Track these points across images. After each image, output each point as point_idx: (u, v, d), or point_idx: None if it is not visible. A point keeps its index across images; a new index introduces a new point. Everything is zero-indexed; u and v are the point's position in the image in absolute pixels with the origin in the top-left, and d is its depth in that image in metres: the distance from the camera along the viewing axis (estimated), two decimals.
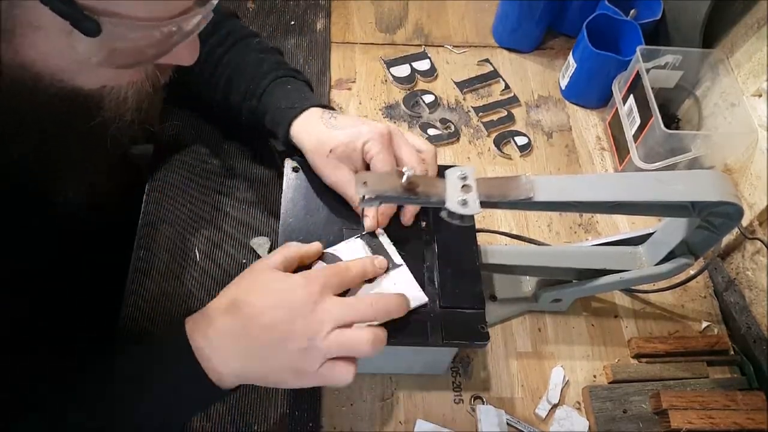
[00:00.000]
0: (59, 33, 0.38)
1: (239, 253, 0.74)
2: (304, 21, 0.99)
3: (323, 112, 0.65)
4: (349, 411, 0.66)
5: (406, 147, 0.62)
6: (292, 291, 0.51)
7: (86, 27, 0.36)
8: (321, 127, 0.63)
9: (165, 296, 0.70)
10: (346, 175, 0.62)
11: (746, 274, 0.77)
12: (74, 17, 0.36)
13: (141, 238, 0.74)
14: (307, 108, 0.66)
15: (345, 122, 0.63)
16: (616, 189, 0.54)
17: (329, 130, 0.63)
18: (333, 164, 0.62)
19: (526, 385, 0.70)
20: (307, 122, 0.65)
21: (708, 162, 0.82)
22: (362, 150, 0.61)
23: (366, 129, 0.61)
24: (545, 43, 1.02)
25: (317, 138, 0.63)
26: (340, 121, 0.64)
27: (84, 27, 0.36)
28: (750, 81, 0.80)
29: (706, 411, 0.65)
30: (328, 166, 0.63)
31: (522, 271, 0.73)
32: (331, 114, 0.65)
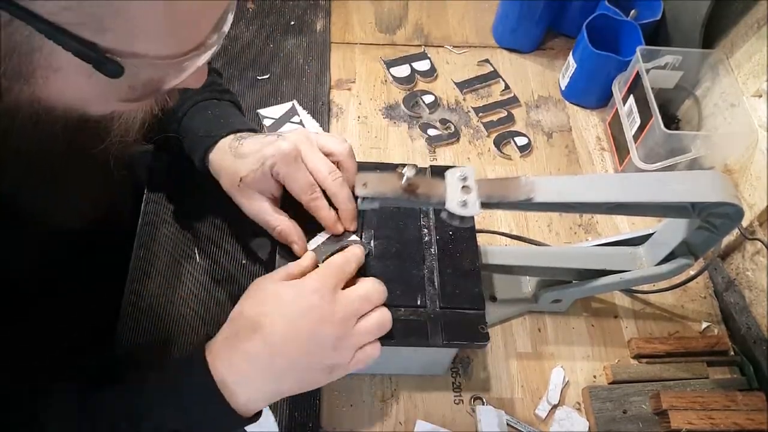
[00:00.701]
0: (80, 74, 0.37)
1: (239, 253, 0.74)
2: (304, 21, 0.99)
3: (232, 140, 0.63)
4: (349, 411, 0.66)
5: (314, 160, 0.59)
6: (307, 297, 0.51)
7: (109, 69, 0.36)
8: (230, 157, 0.62)
9: (165, 296, 0.70)
10: (261, 204, 0.61)
11: (746, 275, 0.77)
12: (97, 60, 0.35)
13: (141, 238, 0.74)
14: (219, 138, 0.63)
15: (251, 147, 0.61)
16: (616, 190, 0.54)
17: (236, 159, 0.61)
18: (247, 194, 0.61)
19: (526, 385, 0.70)
20: (219, 154, 0.63)
21: (708, 162, 0.82)
22: (271, 175, 0.59)
23: (270, 151, 0.59)
24: (545, 43, 1.02)
25: (227, 170, 0.61)
26: (246, 147, 0.61)
27: (107, 70, 0.36)
28: (750, 81, 0.80)
29: (706, 411, 0.65)
30: (241, 198, 0.61)
31: (522, 272, 0.73)
32: (239, 141, 0.62)
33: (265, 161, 0.59)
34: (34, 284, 0.58)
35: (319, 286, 0.51)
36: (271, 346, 0.50)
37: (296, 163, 0.59)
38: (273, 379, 0.51)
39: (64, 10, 0.33)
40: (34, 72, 0.37)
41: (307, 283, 0.52)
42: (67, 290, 0.64)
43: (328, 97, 0.91)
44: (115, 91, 0.40)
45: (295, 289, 0.52)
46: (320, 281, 0.52)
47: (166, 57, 0.38)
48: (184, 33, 0.39)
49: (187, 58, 0.40)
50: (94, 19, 0.34)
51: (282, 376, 0.51)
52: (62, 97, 0.40)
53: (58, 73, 0.37)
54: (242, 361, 0.50)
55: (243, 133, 0.64)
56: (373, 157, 0.86)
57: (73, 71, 0.37)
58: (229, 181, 0.62)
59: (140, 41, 0.36)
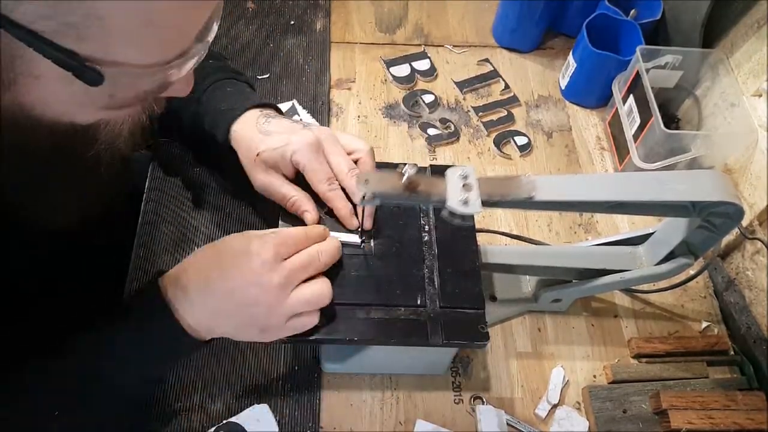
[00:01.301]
0: (61, 82, 0.37)
1: None
2: (304, 21, 0.99)
3: (259, 116, 0.65)
4: (349, 411, 0.66)
5: (336, 155, 0.62)
6: (249, 258, 0.52)
7: (89, 77, 0.36)
8: (254, 131, 0.63)
9: None
10: (272, 177, 0.62)
11: (746, 274, 0.77)
12: (76, 68, 0.35)
13: (141, 238, 0.74)
14: (244, 111, 0.65)
15: (277, 127, 0.63)
16: (617, 189, 0.54)
17: (261, 135, 0.63)
18: (260, 168, 0.62)
19: (526, 385, 0.69)
20: (243, 126, 0.65)
21: (708, 162, 0.82)
22: (291, 160, 0.61)
23: (295, 139, 0.61)
24: (545, 43, 1.02)
25: (248, 142, 0.63)
26: (273, 126, 0.63)
27: (86, 77, 0.36)
28: (750, 81, 0.80)
29: (706, 411, 0.65)
30: (256, 170, 0.63)
31: (522, 271, 0.73)
32: (266, 118, 0.64)
33: (287, 145, 0.61)
34: (33, 284, 0.57)
35: (263, 250, 0.53)
36: (205, 286, 0.52)
37: (317, 155, 0.61)
38: (210, 315, 0.53)
39: (42, 18, 0.33)
40: (15, 78, 0.37)
41: (255, 244, 0.53)
42: (67, 290, 0.64)
43: (328, 96, 0.91)
44: (97, 98, 0.40)
45: (245, 244, 0.53)
46: (268, 246, 0.53)
47: (148, 66, 0.38)
48: (165, 42, 0.38)
49: (169, 67, 0.39)
50: (72, 28, 0.34)
51: (217, 316, 0.53)
52: (44, 104, 0.40)
53: (39, 80, 0.37)
54: (180, 289, 0.52)
55: (269, 111, 0.66)
56: None
57: (53, 79, 0.37)
58: (247, 153, 0.63)
59: (120, 50, 0.36)
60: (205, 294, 0.52)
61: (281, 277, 0.52)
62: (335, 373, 0.67)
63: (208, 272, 0.53)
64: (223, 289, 0.52)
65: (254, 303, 0.52)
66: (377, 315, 0.57)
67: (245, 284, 0.52)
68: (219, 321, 0.54)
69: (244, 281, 0.52)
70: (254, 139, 0.63)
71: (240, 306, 0.53)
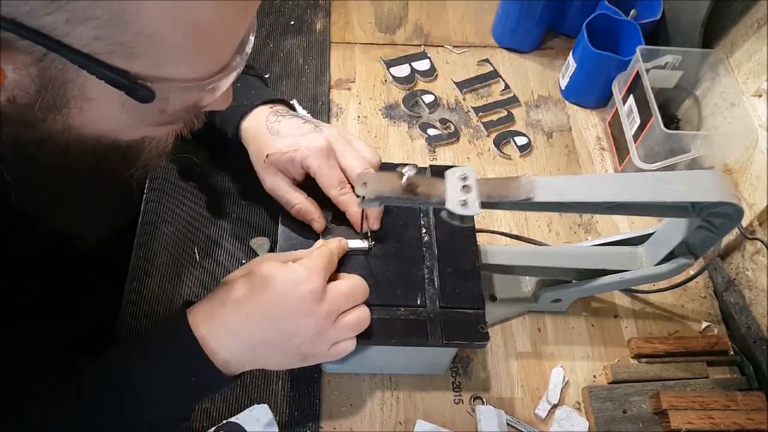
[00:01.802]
0: (112, 101, 0.38)
1: (239, 251, 0.74)
2: (304, 21, 0.99)
3: (269, 114, 0.64)
4: (349, 411, 0.66)
5: (348, 157, 0.61)
6: (299, 287, 0.52)
7: (140, 95, 0.37)
8: (263, 130, 0.63)
9: (165, 295, 0.70)
10: (280, 181, 0.62)
11: (746, 275, 0.77)
12: (129, 87, 0.36)
13: (141, 238, 0.74)
14: (254, 107, 0.65)
15: (288, 129, 0.63)
16: (617, 189, 0.54)
17: (270, 135, 0.62)
18: (269, 170, 0.62)
19: (526, 385, 0.70)
20: (253, 123, 0.64)
21: (708, 162, 0.82)
22: (300, 165, 0.61)
23: (304, 143, 0.60)
24: (545, 43, 1.02)
25: (257, 142, 0.63)
26: (284, 127, 0.63)
27: (138, 95, 0.37)
28: (750, 81, 0.80)
29: (706, 411, 0.65)
30: (265, 171, 0.63)
31: (522, 272, 0.73)
32: (276, 116, 0.64)
33: (297, 150, 0.60)
34: (34, 284, 0.58)
35: (309, 278, 0.52)
36: (247, 319, 0.51)
37: (328, 159, 0.60)
38: (248, 348, 0.52)
39: (95, 40, 0.34)
40: (67, 103, 0.38)
41: (301, 272, 0.52)
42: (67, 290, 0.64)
43: (328, 96, 0.91)
44: (147, 115, 0.41)
45: (289, 273, 0.52)
46: (314, 274, 0.52)
47: (195, 80, 0.39)
48: (210, 56, 0.39)
49: (214, 80, 0.40)
50: (124, 48, 0.35)
51: (257, 348, 0.52)
52: (95, 124, 0.41)
53: (92, 102, 0.38)
54: (217, 324, 0.51)
55: (279, 107, 0.66)
56: None
57: (106, 99, 0.38)
58: (257, 153, 0.63)
59: (169, 66, 0.37)
60: (246, 328, 0.51)
61: (329, 305, 0.52)
62: (335, 373, 0.67)
63: (248, 304, 0.52)
64: (267, 321, 0.51)
65: (299, 333, 0.52)
66: (377, 315, 0.57)
67: (293, 314, 0.51)
68: (258, 354, 0.53)
69: (291, 311, 0.51)
70: (264, 139, 0.63)
71: (283, 336, 0.52)
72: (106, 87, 0.36)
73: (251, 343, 0.52)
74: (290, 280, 0.52)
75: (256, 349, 0.52)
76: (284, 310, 0.51)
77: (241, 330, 0.51)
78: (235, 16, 0.39)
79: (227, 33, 0.39)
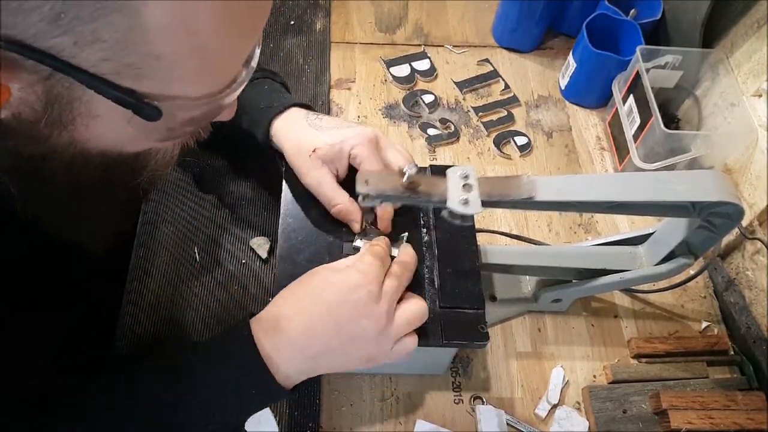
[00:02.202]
0: (119, 119, 0.38)
1: (240, 251, 0.74)
2: (304, 21, 0.99)
3: (307, 113, 0.64)
4: (349, 411, 0.66)
5: (394, 151, 0.62)
6: (355, 291, 0.52)
7: (147, 113, 0.37)
8: (304, 126, 0.63)
9: (165, 295, 0.70)
10: (325, 176, 0.61)
11: (746, 274, 0.77)
12: (136, 106, 0.36)
13: (141, 237, 0.74)
14: (288, 107, 0.65)
15: (330, 123, 0.63)
16: (617, 189, 0.54)
17: (313, 130, 0.62)
18: (315, 165, 0.61)
19: (526, 385, 0.69)
20: (288, 122, 0.64)
21: (708, 162, 0.82)
22: (349, 154, 0.61)
23: (353, 133, 0.61)
24: (545, 43, 1.02)
25: (299, 138, 0.62)
26: (326, 122, 0.63)
27: (145, 114, 0.37)
28: (750, 81, 0.80)
29: (706, 411, 0.65)
30: (308, 166, 0.62)
31: (522, 271, 0.73)
32: (316, 114, 0.64)
33: (346, 140, 0.60)
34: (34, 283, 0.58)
35: (367, 281, 0.52)
36: (310, 330, 0.51)
37: (375, 150, 0.61)
38: (310, 358, 0.52)
39: (103, 61, 0.34)
40: (74, 120, 0.38)
41: (356, 276, 0.53)
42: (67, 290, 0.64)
43: (328, 96, 0.91)
44: (154, 132, 0.41)
45: (344, 277, 0.53)
46: (369, 276, 0.53)
47: (202, 97, 0.39)
48: (217, 73, 0.39)
49: (221, 96, 0.40)
50: (132, 68, 0.35)
51: (319, 357, 0.52)
52: (100, 139, 0.41)
53: (98, 119, 0.38)
54: (283, 339, 0.51)
55: (317, 112, 0.66)
56: None
57: (112, 117, 0.38)
58: (298, 150, 0.62)
59: (176, 85, 0.37)
60: (309, 339, 0.51)
61: (386, 303, 0.53)
62: (335, 373, 0.67)
63: (309, 315, 0.52)
64: (329, 330, 0.51)
65: (362, 336, 0.52)
66: None
67: (354, 319, 0.52)
68: (320, 362, 0.53)
69: (352, 316, 0.51)
70: (307, 134, 0.62)
71: (346, 342, 0.52)
72: (112, 105, 0.36)
73: (313, 353, 0.52)
74: (346, 286, 0.52)
75: (318, 359, 0.52)
76: (344, 316, 0.51)
77: (303, 342, 0.51)
78: (242, 35, 0.39)
79: (234, 51, 0.39)
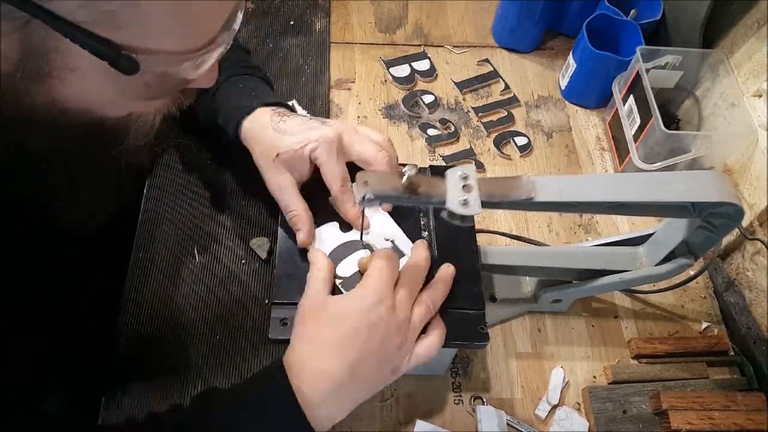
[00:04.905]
0: (96, 73, 0.38)
1: (239, 249, 0.74)
2: (303, 21, 0.99)
3: (272, 115, 0.64)
4: None
5: (361, 143, 0.61)
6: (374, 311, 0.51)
7: (125, 66, 0.36)
8: (269, 130, 0.63)
9: (165, 293, 0.70)
10: (285, 181, 0.61)
11: (746, 275, 0.77)
12: (113, 57, 0.36)
13: (141, 236, 0.73)
14: (255, 108, 0.65)
15: (294, 127, 0.62)
16: (617, 189, 0.54)
17: (277, 134, 0.62)
18: (277, 170, 0.62)
19: (526, 385, 0.69)
20: (255, 123, 0.64)
21: (708, 162, 0.82)
22: (309, 157, 0.60)
23: (314, 135, 0.60)
24: (545, 43, 1.02)
25: (264, 143, 0.63)
26: (289, 126, 0.62)
27: (122, 66, 0.36)
28: (750, 81, 0.80)
29: (706, 411, 0.65)
30: (271, 170, 0.62)
31: (522, 272, 0.73)
32: (281, 117, 0.64)
33: (307, 144, 0.60)
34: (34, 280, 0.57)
35: (382, 297, 0.52)
36: (350, 366, 0.51)
37: (336, 152, 0.60)
38: (353, 395, 0.52)
39: (79, 8, 0.33)
40: (50, 72, 0.37)
41: (369, 295, 0.52)
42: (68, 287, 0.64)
43: (328, 96, 0.91)
44: (131, 89, 0.41)
45: (359, 302, 0.52)
46: (380, 290, 0.52)
47: (180, 53, 0.39)
48: (196, 29, 0.39)
49: (199, 54, 0.40)
50: (109, 17, 0.34)
51: (361, 390, 0.52)
52: (79, 97, 0.40)
53: (75, 72, 0.38)
54: (324, 381, 0.50)
55: (281, 109, 0.66)
56: None
57: (89, 70, 0.38)
58: (263, 154, 0.63)
59: (154, 37, 0.37)
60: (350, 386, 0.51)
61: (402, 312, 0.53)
62: None
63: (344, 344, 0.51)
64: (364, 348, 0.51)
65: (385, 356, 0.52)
66: None
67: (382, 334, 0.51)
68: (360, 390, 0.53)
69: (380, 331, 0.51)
70: (271, 138, 0.62)
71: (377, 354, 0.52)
72: (89, 57, 0.35)
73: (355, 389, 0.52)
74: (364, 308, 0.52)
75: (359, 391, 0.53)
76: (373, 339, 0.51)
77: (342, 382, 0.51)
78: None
79: (213, 8, 0.39)
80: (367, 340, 0.51)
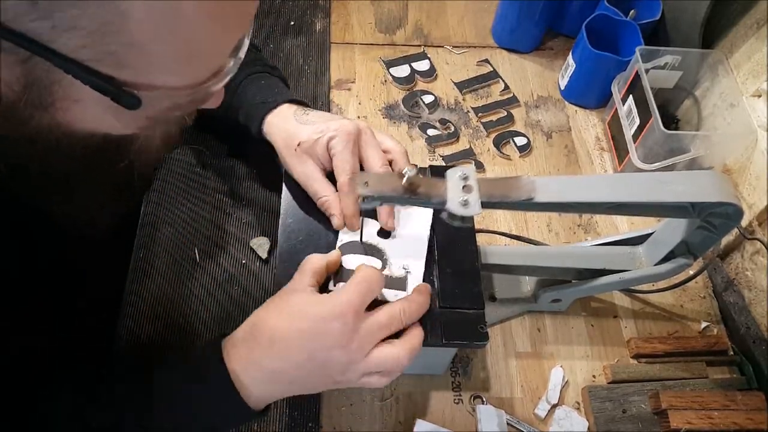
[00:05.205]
0: (99, 105, 0.38)
1: (239, 252, 0.74)
2: (304, 21, 0.99)
3: (296, 108, 0.66)
4: (349, 411, 0.66)
5: (372, 148, 0.62)
6: (329, 323, 0.50)
7: (126, 102, 0.36)
8: (292, 122, 0.64)
9: (165, 296, 0.70)
10: (310, 169, 0.62)
11: (745, 275, 0.77)
12: (115, 93, 0.36)
13: (141, 239, 0.74)
14: (280, 103, 0.66)
15: (316, 118, 0.64)
16: (616, 190, 0.54)
17: (300, 125, 0.63)
18: (300, 159, 0.62)
19: (526, 385, 0.70)
20: (279, 117, 0.65)
21: (707, 162, 0.82)
22: (327, 146, 0.61)
23: (334, 125, 0.61)
24: (545, 43, 1.02)
25: (287, 133, 0.64)
26: (312, 117, 0.64)
27: (124, 102, 0.36)
28: (749, 81, 0.80)
29: (705, 411, 0.65)
30: (294, 160, 0.63)
31: (521, 272, 0.73)
32: (304, 110, 0.65)
33: (325, 133, 0.61)
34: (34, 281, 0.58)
35: (344, 311, 0.50)
36: (283, 362, 0.50)
37: (352, 145, 0.61)
38: (283, 386, 0.52)
39: (82, 48, 0.33)
40: (53, 103, 0.38)
41: (334, 306, 0.51)
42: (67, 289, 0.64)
43: (328, 97, 0.91)
44: (134, 120, 0.41)
45: (321, 308, 0.51)
46: (346, 309, 0.51)
47: (184, 87, 0.39)
48: (201, 64, 0.39)
49: (205, 87, 0.40)
50: (112, 56, 0.34)
51: (291, 384, 0.52)
52: (83, 123, 0.40)
53: (78, 103, 0.38)
54: (257, 368, 0.50)
55: (306, 108, 0.67)
56: None
57: (91, 102, 0.38)
58: (285, 144, 0.63)
59: (158, 74, 0.37)
60: (280, 367, 0.51)
61: (361, 340, 0.51)
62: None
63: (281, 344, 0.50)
64: (299, 359, 0.50)
65: (330, 365, 0.51)
66: None
67: (325, 350, 0.50)
68: (292, 387, 0.53)
69: (323, 347, 0.50)
70: (293, 129, 0.63)
71: (315, 370, 0.51)
72: (92, 91, 0.35)
73: (284, 379, 0.51)
74: (320, 317, 0.50)
75: (290, 385, 0.52)
76: (314, 347, 0.50)
77: (274, 370, 0.50)
78: (227, 28, 0.38)
79: (219, 43, 0.39)
80: (309, 349, 0.50)
